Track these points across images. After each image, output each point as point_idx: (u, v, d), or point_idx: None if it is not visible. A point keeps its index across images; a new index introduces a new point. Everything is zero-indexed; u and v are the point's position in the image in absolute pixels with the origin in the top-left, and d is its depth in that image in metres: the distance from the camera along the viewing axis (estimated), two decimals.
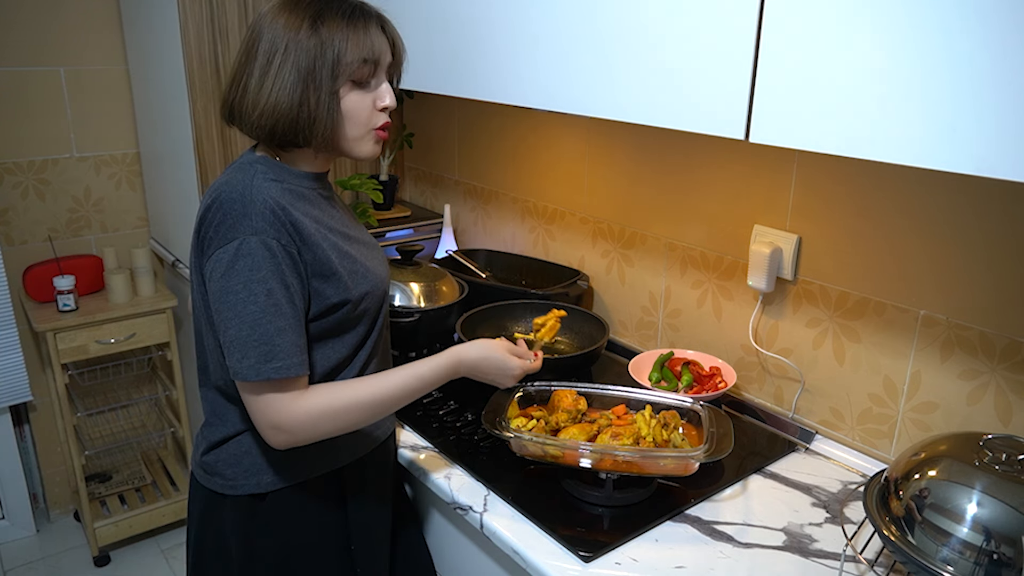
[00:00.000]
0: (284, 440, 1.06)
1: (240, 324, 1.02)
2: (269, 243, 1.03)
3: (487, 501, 1.24)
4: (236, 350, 1.03)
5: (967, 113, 0.79)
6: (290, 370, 1.03)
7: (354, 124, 1.11)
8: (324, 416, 1.06)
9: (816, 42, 0.90)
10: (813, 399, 1.46)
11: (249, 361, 1.02)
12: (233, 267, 1.02)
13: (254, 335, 1.02)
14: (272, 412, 1.04)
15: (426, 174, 2.42)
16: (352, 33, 1.06)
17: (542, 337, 1.37)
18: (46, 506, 2.72)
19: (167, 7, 1.97)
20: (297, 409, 1.05)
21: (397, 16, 1.20)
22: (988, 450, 0.97)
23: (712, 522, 1.20)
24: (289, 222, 1.06)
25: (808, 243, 1.41)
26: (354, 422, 1.10)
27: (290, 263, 1.05)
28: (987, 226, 1.17)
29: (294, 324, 1.05)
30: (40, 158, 2.41)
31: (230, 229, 1.03)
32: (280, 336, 1.03)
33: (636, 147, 1.70)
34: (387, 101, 1.13)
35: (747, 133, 1.00)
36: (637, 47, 1.12)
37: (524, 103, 1.34)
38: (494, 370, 1.22)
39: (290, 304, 1.05)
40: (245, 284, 1.02)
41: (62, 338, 2.29)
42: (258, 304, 1.02)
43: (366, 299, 1.16)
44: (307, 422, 1.06)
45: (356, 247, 1.19)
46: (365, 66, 1.08)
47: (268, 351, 1.02)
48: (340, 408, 1.07)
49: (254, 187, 1.06)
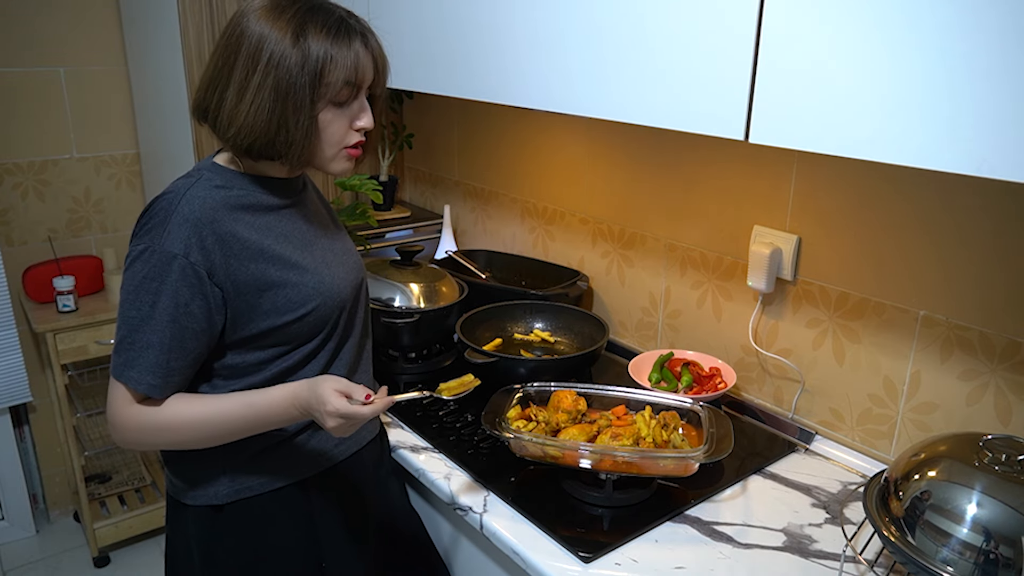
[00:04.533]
0: (117, 439, 1.08)
1: (122, 323, 1.04)
2: (173, 258, 1.01)
3: (487, 502, 1.24)
4: (116, 343, 1.05)
5: (967, 113, 0.79)
6: (140, 386, 1.03)
7: (328, 143, 1.08)
8: (147, 427, 1.05)
9: (816, 43, 0.90)
10: (813, 399, 1.46)
11: (117, 359, 1.04)
12: (132, 268, 1.03)
13: (128, 338, 1.03)
14: (111, 409, 1.06)
15: (426, 175, 2.42)
16: (336, 51, 1.02)
17: (442, 390, 1.17)
18: (46, 507, 2.71)
19: (167, 8, 1.97)
20: (130, 416, 1.05)
21: (395, 16, 1.19)
22: (988, 450, 0.97)
23: (712, 523, 1.20)
24: (217, 237, 1.03)
25: (808, 244, 1.41)
26: (181, 441, 1.08)
27: (193, 283, 1.02)
28: (988, 227, 1.17)
29: (168, 344, 1.02)
30: (40, 159, 2.41)
31: (146, 233, 1.03)
32: (146, 350, 1.02)
33: (636, 148, 1.70)
34: (363, 122, 1.10)
35: (747, 134, 1.00)
36: (637, 48, 1.12)
37: (524, 104, 1.34)
38: (316, 404, 1.03)
39: (172, 323, 1.02)
40: (136, 288, 1.02)
41: (62, 339, 2.29)
42: (140, 312, 1.02)
43: (316, 312, 1.12)
44: (134, 431, 1.05)
45: (316, 254, 1.15)
46: (347, 88, 1.05)
47: (131, 358, 1.02)
48: (166, 425, 1.05)
49: (186, 197, 1.03)
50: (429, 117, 2.34)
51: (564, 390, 1.35)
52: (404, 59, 1.60)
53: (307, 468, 1.18)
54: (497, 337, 1.72)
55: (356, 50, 1.05)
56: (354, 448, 1.25)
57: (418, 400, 1.10)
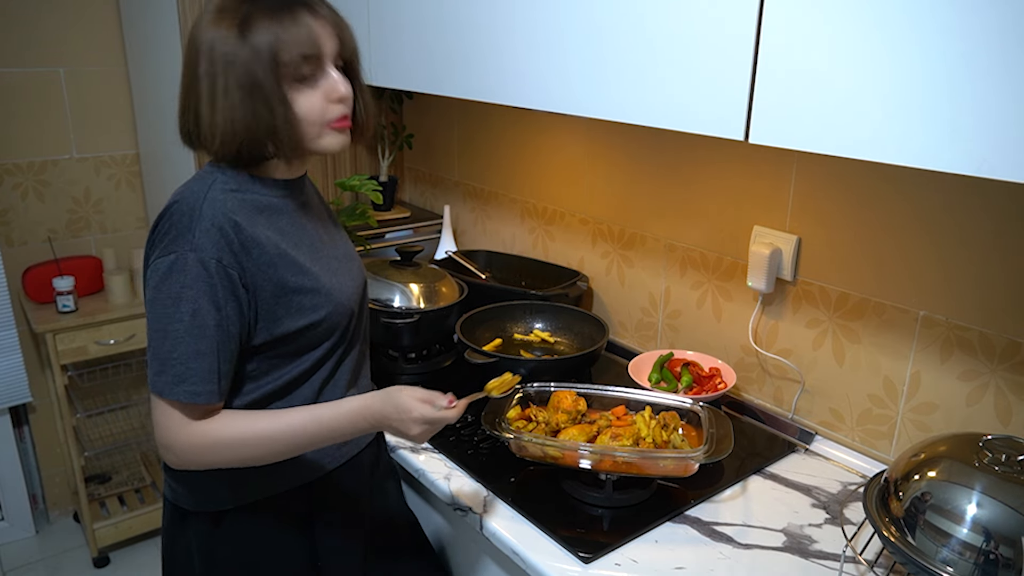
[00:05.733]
0: (172, 460, 1.04)
1: (163, 338, 1.00)
2: (207, 262, 0.99)
3: (487, 502, 1.24)
4: (156, 363, 1.01)
5: (967, 114, 0.79)
6: (198, 397, 1.00)
7: (308, 123, 1.05)
8: (212, 448, 1.03)
9: (815, 43, 0.90)
10: (813, 400, 1.46)
11: (165, 378, 1.00)
12: (166, 280, 1.00)
13: (174, 353, 1.00)
14: (166, 432, 1.02)
15: (426, 175, 2.42)
16: (281, 30, 1.00)
17: (490, 389, 1.19)
18: (45, 507, 2.71)
19: (167, 8, 1.97)
20: (189, 435, 1.02)
21: (396, 16, 1.19)
22: (988, 451, 0.97)
23: (712, 523, 1.20)
24: (239, 241, 1.02)
25: (808, 244, 1.41)
26: (247, 458, 1.05)
27: (228, 285, 1.01)
28: (987, 227, 1.17)
29: (216, 349, 1.01)
30: (40, 159, 2.41)
31: (172, 241, 1.01)
32: (197, 360, 1.00)
33: (635, 148, 1.70)
34: (341, 90, 1.05)
35: (747, 134, 1.00)
36: (636, 48, 1.12)
37: (524, 104, 1.34)
38: (395, 414, 1.05)
39: (217, 328, 1.01)
40: (174, 300, 0.99)
41: (62, 339, 2.29)
42: (183, 322, 0.99)
43: (327, 320, 1.12)
44: (194, 451, 1.02)
45: (324, 262, 1.15)
46: (307, 62, 1.02)
47: (182, 372, 1.00)
48: (229, 442, 1.03)
49: (207, 200, 1.03)
50: (429, 117, 2.34)
51: (564, 390, 1.35)
52: (404, 59, 1.60)
53: (308, 473, 1.17)
54: (497, 337, 1.72)
55: (306, 23, 1.02)
56: (353, 452, 1.24)
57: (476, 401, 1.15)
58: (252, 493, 1.14)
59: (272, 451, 1.05)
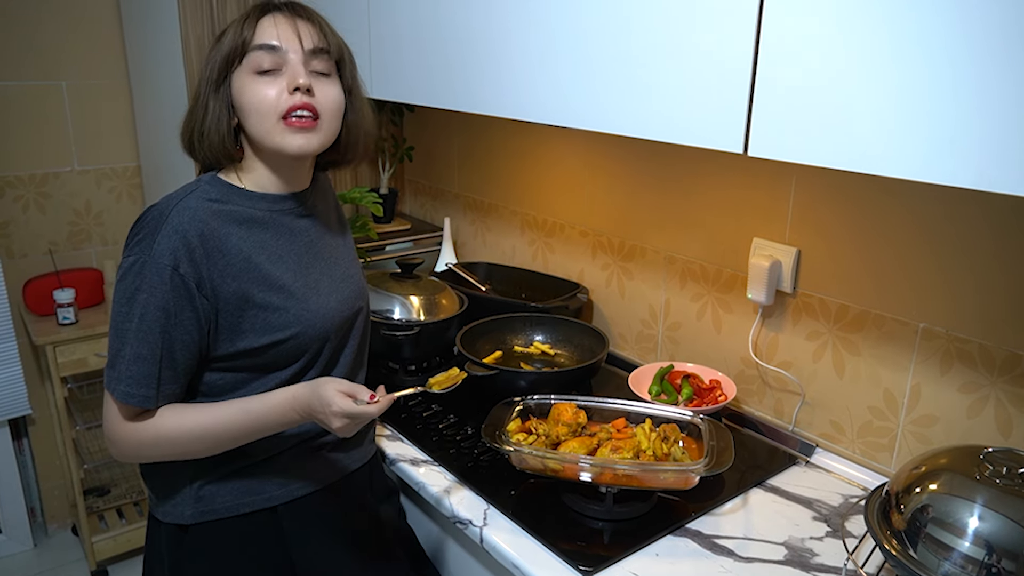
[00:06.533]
0: (115, 453, 1.08)
1: (115, 335, 1.04)
2: (163, 269, 1.01)
3: (487, 515, 1.23)
4: (109, 356, 1.05)
5: (966, 126, 0.79)
6: (131, 399, 1.02)
7: (256, 114, 1.05)
8: (152, 443, 1.06)
9: (814, 57, 0.91)
10: (813, 412, 1.46)
11: (112, 373, 1.03)
12: (124, 280, 1.02)
13: (121, 350, 1.02)
14: (107, 424, 1.06)
15: (426, 187, 2.43)
16: (245, 26, 1.06)
17: (432, 384, 1.20)
18: (44, 520, 2.70)
19: (169, 21, 1.98)
20: (123, 430, 1.05)
21: (394, 31, 1.19)
22: (989, 463, 0.96)
23: (713, 536, 1.19)
24: (204, 250, 1.03)
25: (807, 256, 1.41)
26: (180, 453, 1.08)
27: (184, 293, 1.02)
28: (986, 239, 1.17)
29: (159, 355, 1.02)
30: (41, 171, 2.42)
31: (137, 244, 1.03)
32: (137, 363, 1.02)
33: (635, 160, 1.71)
34: (299, 80, 1.04)
35: (745, 147, 1.01)
36: (635, 61, 1.12)
37: (521, 117, 1.35)
38: (318, 406, 1.03)
39: (163, 334, 1.02)
40: (127, 300, 1.02)
41: (62, 351, 2.29)
42: (130, 323, 1.02)
43: (293, 340, 1.11)
44: (132, 446, 1.06)
45: (310, 279, 1.14)
46: (267, 53, 1.04)
47: (123, 372, 1.02)
48: (166, 437, 1.05)
49: (177, 207, 1.04)
50: (429, 130, 2.35)
51: (564, 403, 1.35)
52: (403, 73, 1.61)
53: (279, 496, 1.16)
54: (497, 349, 1.72)
55: (269, 19, 1.07)
56: (336, 477, 1.22)
57: (411, 396, 1.13)
58: (214, 511, 1.13)
59: (209, 444, 1.07)
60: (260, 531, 1.15)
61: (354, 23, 1.71)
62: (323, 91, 1.08)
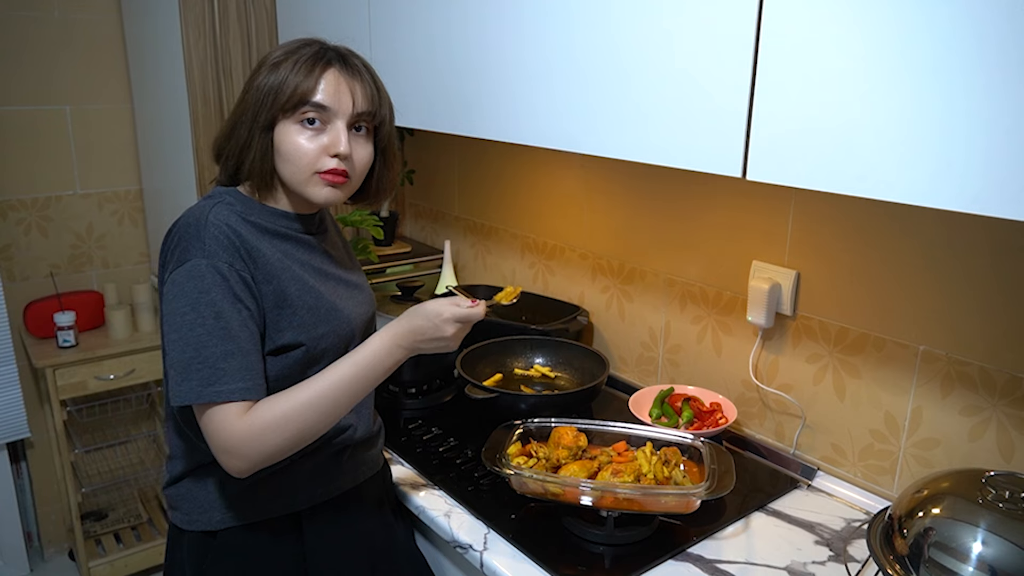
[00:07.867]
0: (236, 464, 1.02)
1: (184, 346, 1.01)
2: (220, 266, 1.03)
3: (487, 539, 1.23)
4: (177, 372, 1.01)
5: (962, 151, 0.80)
6: (233, 395, 1.00)
7: (296, 165, 1.08)
8: (268, 428, 1.01)
9: (811, 82, 0.91)
10: (814, 435, 1.45)
11: (190, 384, 1.00)
12: (183, 289, 1.02)
13: (198, 357, 1.00)
14: (217, 435, 1.01)
15: (426, 210, 2.44)
16: (299, 74, 1.07)
17: (499, 299, 1.26)
18: (40, 545, 2.68)
19: (172, 47, 2.00)
20: (240, 427, 1.00)
21: (395, 57, 1.21)
22: (991, 487, 0.96)
23: (714, 561, 1.18)
24: (244, 248, 1.06)
25: (807, 279, 1.42)
26: (303, 428, 1.04)
27: (243, 287, 1.04)
28: (986, 262, 1.17)
29: (244, 348, 1.03)
30: (44, 195, 2.43)
31: (184, 252, 1.04)
32: (226, 360, 1.01)
33: (634, 184, 1.72)
34: (338, 147, 1.08)
35: (744, 171, 1.01)
36: (633, 85, 1.13)
37: (522, 141, 1.36)
38: (427, 323, 1.08)
39: (242, 327, 1.03)
40: (193, 306, 1.01)
41: (61, 374, 2.29)
42: (205, 327, 1.00)
43: (324, 339, 1.14)
44: (251, 439, 1.01)
45: (329, 285, 1.18)
46: (315, 110, 1.07)
47: (211, 374, 1.00)
48: (281, 416, 1.02)
49: (213, 213, 1.07)
50: (430, 153, 2.36)
51: (565, 426, 1.35)
52: (404, 98, 1.62)
53: (302, 500, 1.18)
54: (497, 372, 1.71)
55: (326, 76, 1.09)
56: (350, 484, 1.24)
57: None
58: (243, 516, 1.14)
59: (322, 412, 1.05)
60: (283, 537, 1.17)
61: (355, 48, 1.72)
62: (358, 152, 1.13)
